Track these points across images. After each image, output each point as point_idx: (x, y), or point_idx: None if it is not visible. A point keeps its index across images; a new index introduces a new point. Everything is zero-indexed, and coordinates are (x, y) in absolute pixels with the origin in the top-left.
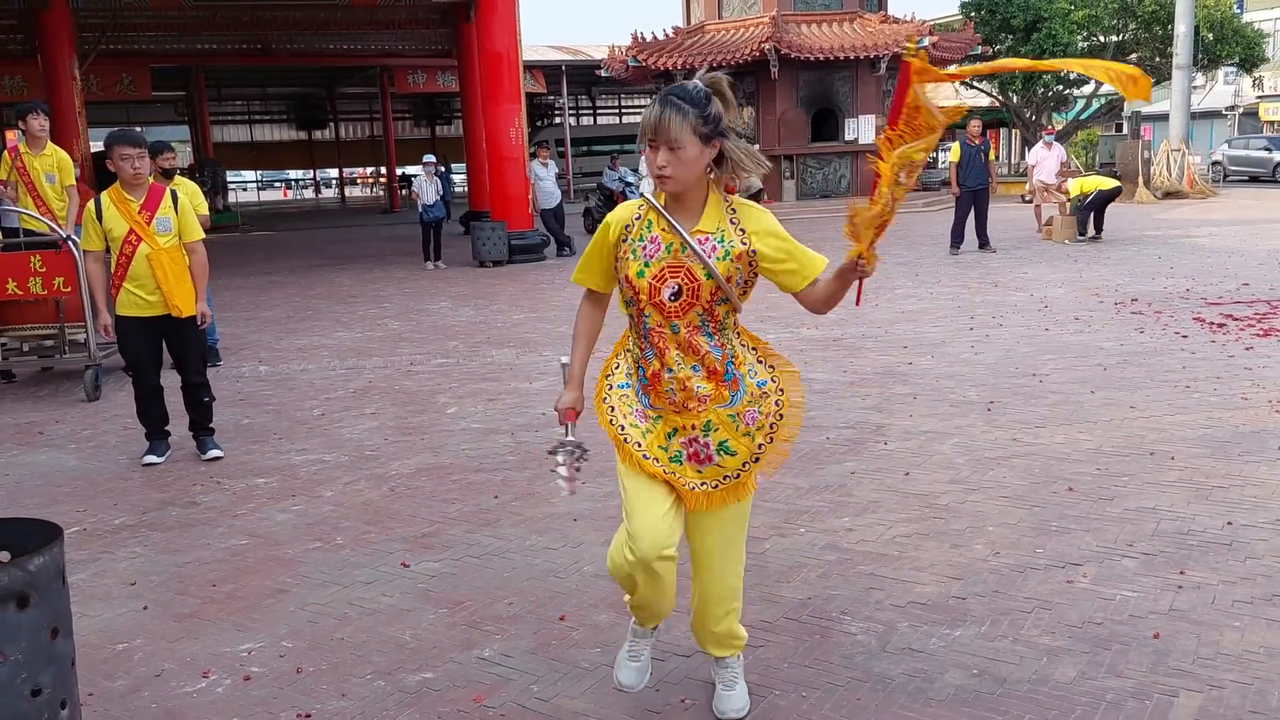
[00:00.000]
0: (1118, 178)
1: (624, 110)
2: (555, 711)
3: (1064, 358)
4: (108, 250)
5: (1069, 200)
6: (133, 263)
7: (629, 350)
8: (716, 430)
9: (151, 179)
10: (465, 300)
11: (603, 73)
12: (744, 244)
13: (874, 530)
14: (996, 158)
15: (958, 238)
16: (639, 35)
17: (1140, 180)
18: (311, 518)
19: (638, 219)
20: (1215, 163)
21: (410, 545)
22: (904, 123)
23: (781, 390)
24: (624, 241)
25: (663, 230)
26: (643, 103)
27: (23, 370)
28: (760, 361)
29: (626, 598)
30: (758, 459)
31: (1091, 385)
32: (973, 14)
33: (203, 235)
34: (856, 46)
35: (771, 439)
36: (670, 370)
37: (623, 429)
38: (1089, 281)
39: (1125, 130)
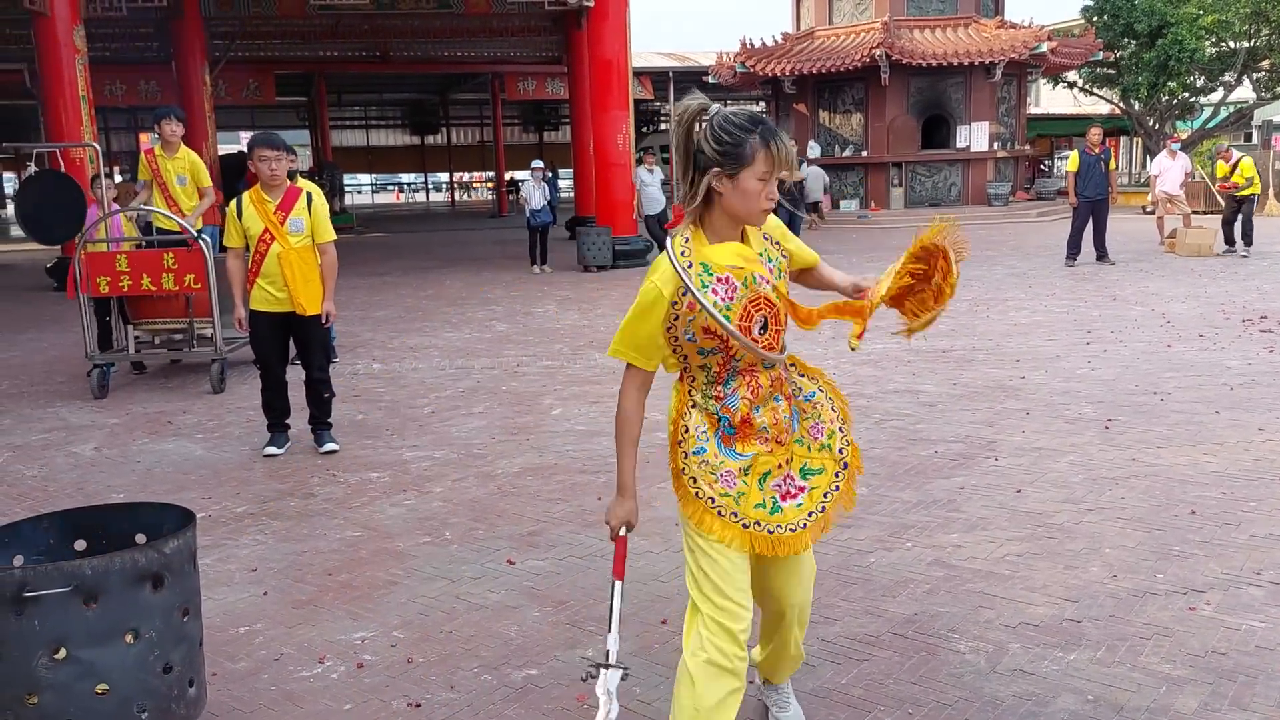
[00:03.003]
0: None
1: None
2: (657, 715)
3: (1187, 376)
4: (248, 248)
5: (1230, 188)
6: (265, 261)
7: (695, 407)
8: (792, 460)
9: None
10: (570, 304)
11: (710, 79)
12: (783, 256)
13: (984, 548)
14: (1116, 167)
15: (1074, 249)
16: (748, 41)
17: (1271, 192)
18: (422, 513)
19: (689, 266)
20: None
21: (516, 543)
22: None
23: (829, 397)
24: (684, 294)
25: (728, 268)
26: (750, 109)
27: (153, 362)
28: (801, 375)
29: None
30: (845, 465)
31: (1216, 405)
32: (1094, 19)
33: (334, 236)
34: (970, 52)
35: (848, 441)
36: (760, 407)
37: (712, 500)
38: (1214, 297)
39: (1255, 140)
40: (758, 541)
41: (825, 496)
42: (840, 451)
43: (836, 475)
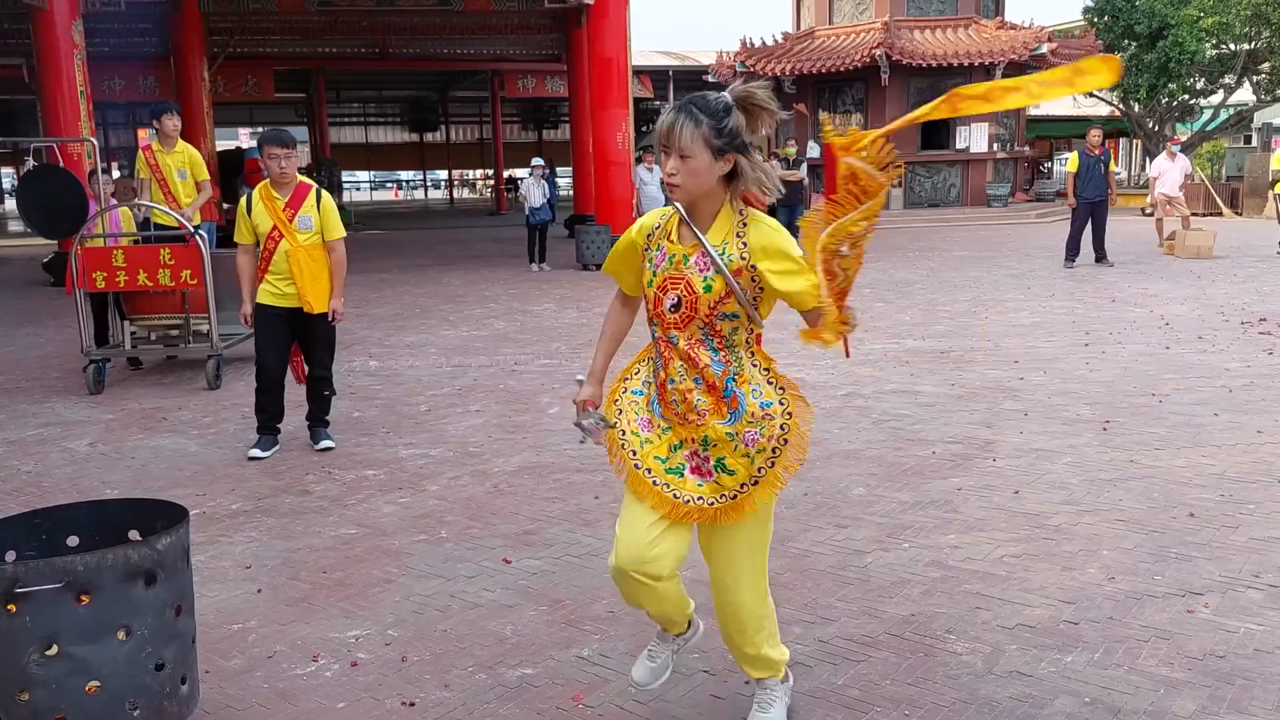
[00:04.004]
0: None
1: None
2: (653, 715)
3: (1186, 378)
4: (257, 244)
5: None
6: (274, 258)
7: (651, 358)
8: (715, 446)
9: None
10: (569, 302)
11: (710, 78)
12: (743, 259)
13: (981, 549)
14: (1116, 169)
15: (1073, 250)
16: (748, 41)
17: (1270, 194)
18: (417, 511)
19: (658, 228)
20: None
21: (512, 542)
22: (842, 189)
23: (790, 415)
24: (646, 250)
25: (670, 241)
26: None
27: (149, 358)
28: (770, 383)
29: None
30: (757, 482)
31: (1215, 407)
32: (1095, 20)
33: (343, 234)
34: (971, 53)
35: (773, 464)
36: (673, 381)
37: (623, 434)
38: (1213, 299)
39: (1254, 142)
40: (657, 498)
41: (721, 498)
42: (759, 470)
43: (742, 487)
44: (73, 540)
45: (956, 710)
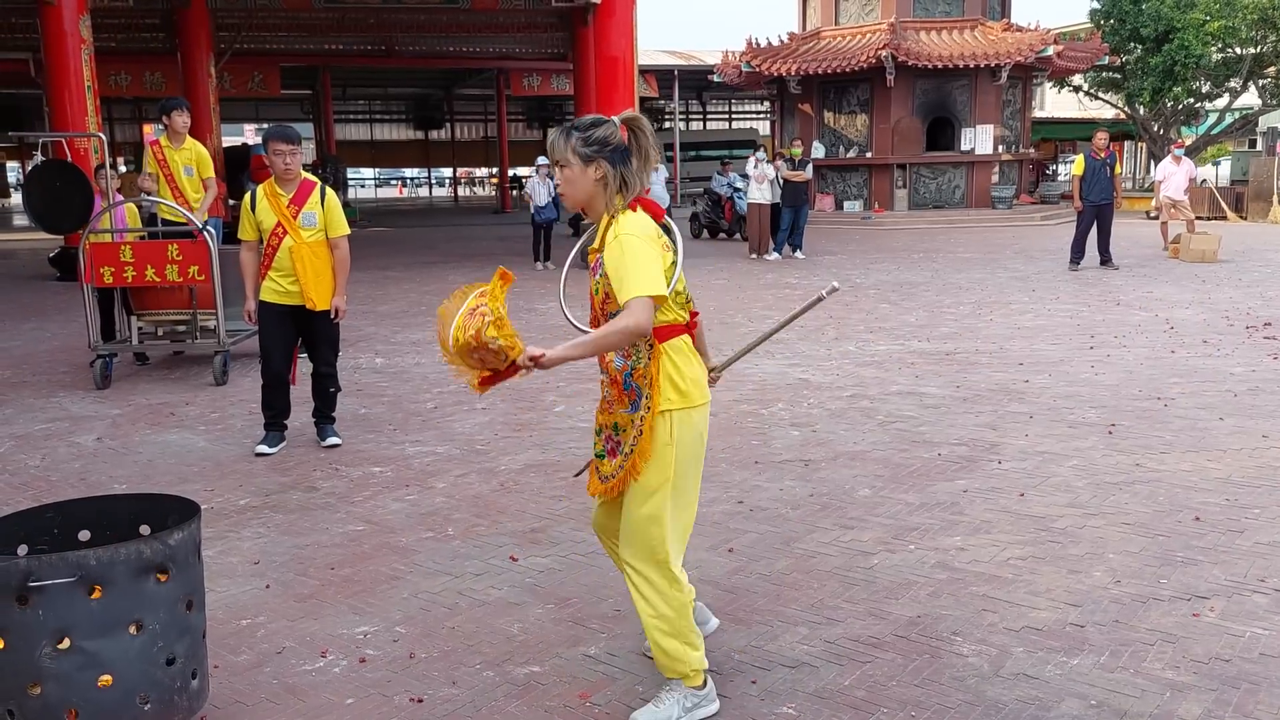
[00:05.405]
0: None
1: (734, 116)
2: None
3: (1190, 382)
4: (261, 241)
5: None
6: (278, 254)
7: None
8: (624, 431)
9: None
10: (573, 301)
11: (715, 78)
12: (603, 271)
13: (987, 551)
14: (1121, 172)
15: (1078, 253)
16: (753, 41)
17: (1275, 199)
18: (424, 508)
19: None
20: None
21: (519, 540)
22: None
23: (644, 419)
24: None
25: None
26: (755, 108)
27: (156, 353)
28: (652, 386)
29: None
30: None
31: (1220, 412)
32: (1101, 22)
33: (348, 231)
34: (977, 55)
35: (621, 469)
36: (601, 373)
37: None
38: (1218, 303)
39: (1259, 146)
40: (591, 476)
41: (612, 475)
42: (619, 468)
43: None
44: (84, 534)
45: (963, 712)
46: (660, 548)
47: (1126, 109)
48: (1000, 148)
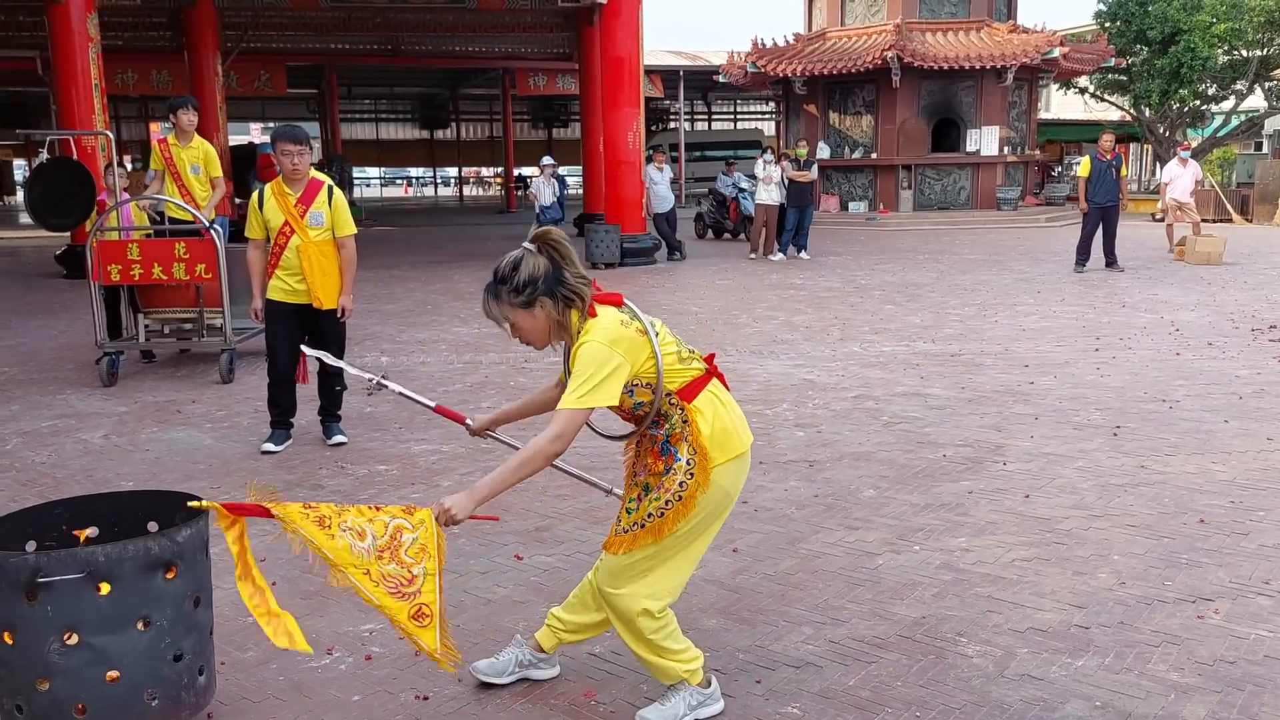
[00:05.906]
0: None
1: (739, 116)
2: None
3: (1196, 384)
4: (268, 239)
5: None
6: (284, 253)
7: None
8: (658, 489)
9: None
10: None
11: (721, 78)
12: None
13: (992, 552)
14: (1127, 173)
15: (1083, 255)
16: (759, 41)
17: None
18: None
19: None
20: None
21: (523, 539)
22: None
23: (690, 475)
24: None
25: None
26: (760, 109)
27: (163, 351)
28: (686, 441)
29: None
30: (644, 526)
31: (1225, 414)
32: (1107, 24)
33: (354, 231)
34: (983, 56)
35: (663, 514)
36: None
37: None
38: (1223, 305)
39: (1265, 149)
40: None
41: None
42: (648, 516)
43: (635, 524)
44: (92, 531)
45: (968, 712)
46: (651, 601)
47: (1132, 111)
48: (1006, 149)
